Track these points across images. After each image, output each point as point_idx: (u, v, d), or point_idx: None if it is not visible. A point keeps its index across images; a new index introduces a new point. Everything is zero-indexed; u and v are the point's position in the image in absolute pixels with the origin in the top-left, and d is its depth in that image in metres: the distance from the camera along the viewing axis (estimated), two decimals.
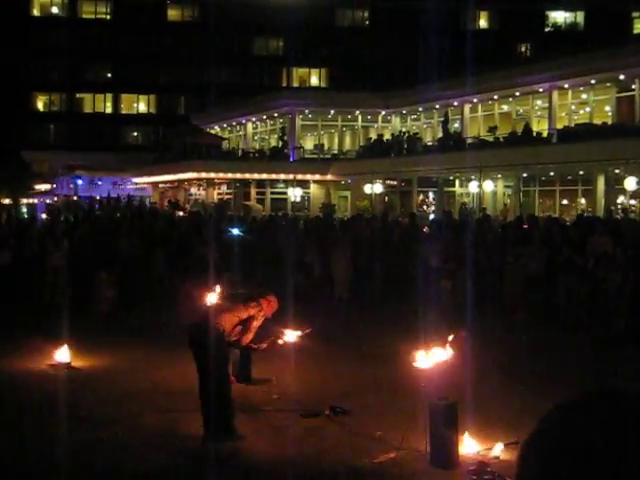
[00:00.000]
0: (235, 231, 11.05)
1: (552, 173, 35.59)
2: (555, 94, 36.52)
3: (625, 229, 18.05)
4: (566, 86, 36.01)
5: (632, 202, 31.60)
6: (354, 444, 7.87)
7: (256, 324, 8.28)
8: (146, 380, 10.38)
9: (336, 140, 50.01)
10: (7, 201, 48.94)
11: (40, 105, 73.25)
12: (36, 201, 51.27)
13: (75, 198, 46.81)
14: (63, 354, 10.88)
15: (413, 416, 8.38)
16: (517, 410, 8.57)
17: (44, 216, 32.34)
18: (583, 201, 35.04)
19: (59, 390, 9.40)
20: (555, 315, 15.27)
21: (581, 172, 34.02)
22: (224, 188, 48.27)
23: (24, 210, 46.14)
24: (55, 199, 48.60)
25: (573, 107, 37.95)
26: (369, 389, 9.99)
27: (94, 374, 10.71)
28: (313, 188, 46.12)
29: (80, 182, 50.44)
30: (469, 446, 7.36)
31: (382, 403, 9.26)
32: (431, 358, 7.61)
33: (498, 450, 7.31)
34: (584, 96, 37.21)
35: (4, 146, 60.14)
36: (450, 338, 7.70)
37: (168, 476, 7.24)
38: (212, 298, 10.02)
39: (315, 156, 48.02)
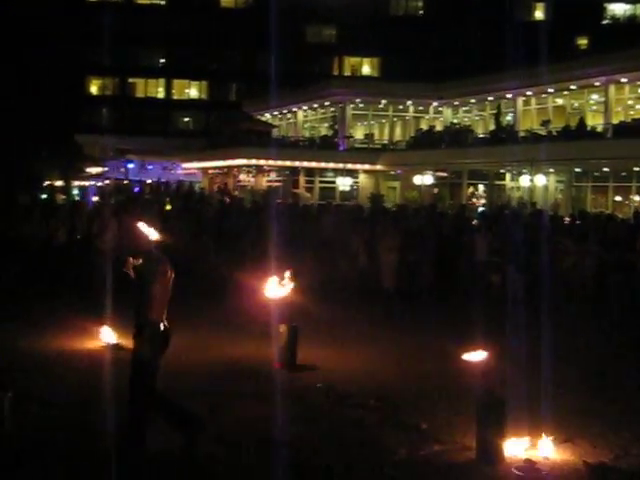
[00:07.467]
0: None
1: (606, 169, 35.00)
2: (612, 88, 35.89)
3: None
4: (623, 80, 35.34)
5: None
6: (398, 435, 7.79)
7: None
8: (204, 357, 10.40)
9: (386, 130, 49.80)
10: (59, 183, 49.51)
11: (93, 89, 74.08)
12: (87, 184, 51.88)
13: (125, 182, 47.26)
14: (110, 335, 11.04)
15: (460, 410, 8.31)
16: (565, 409, 8.44)
17: (95, 199, 32.69)
18: (637, 198, 34.39)
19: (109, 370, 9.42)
20: (603, 314, 15.00)
21: (636, 168, 33.39)
22: (273, 175, 48.36)
23: (75, 192, 46.73)
24: (107, 182, 49.13)
25: (630, 102, 37.25)
26: (415, 381, 9.91)
27: None
28: (362, 178, 46.00)
29: (131, 166, 50.94)
30: (516, 442, 7.22)
31: (428, 396, 9.18)
32: (479, 353, 7.52)
33: (546, 448, 7.17)
34: None
35: (57, 129, 60.97)
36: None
37: None
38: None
39: (365, 146, 47.89)
